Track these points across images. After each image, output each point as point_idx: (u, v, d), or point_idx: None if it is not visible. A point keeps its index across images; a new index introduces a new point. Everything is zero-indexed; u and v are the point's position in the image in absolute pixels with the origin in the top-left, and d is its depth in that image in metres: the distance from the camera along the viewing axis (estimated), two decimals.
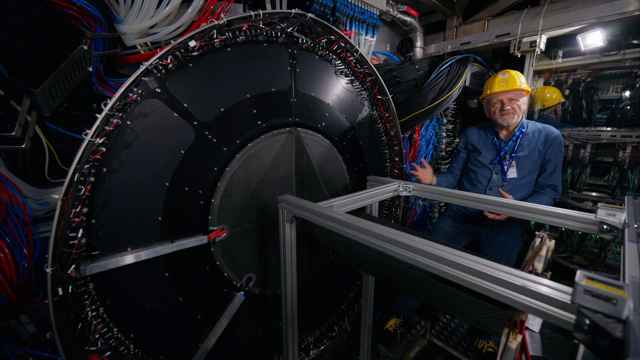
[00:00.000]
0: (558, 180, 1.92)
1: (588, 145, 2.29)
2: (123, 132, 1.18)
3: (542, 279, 0.59)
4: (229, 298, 1.61)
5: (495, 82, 1.93)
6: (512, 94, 1.87)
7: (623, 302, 0.48)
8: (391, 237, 0.81)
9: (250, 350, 1.78)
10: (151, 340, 1.35)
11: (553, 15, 1.94)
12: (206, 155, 1.42)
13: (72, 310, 1.10)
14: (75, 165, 1.03)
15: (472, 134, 2.20)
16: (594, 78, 2.22)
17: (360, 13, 2.01)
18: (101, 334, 1.19)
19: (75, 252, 1.07)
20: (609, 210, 0.97)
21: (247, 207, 1.61)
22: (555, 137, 1.88)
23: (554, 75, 2.36)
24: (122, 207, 1.22)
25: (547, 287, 0.57)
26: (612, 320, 0.49)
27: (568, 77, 2.33)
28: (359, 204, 1.39)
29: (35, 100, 1.11)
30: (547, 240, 0.87)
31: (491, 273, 0.62)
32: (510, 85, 1.85)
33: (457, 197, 1.38)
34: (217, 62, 1.39)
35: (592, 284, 0.51)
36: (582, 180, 2.29)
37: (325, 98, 1.90)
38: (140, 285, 1.29)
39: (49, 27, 1.01)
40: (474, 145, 2.14)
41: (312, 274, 2.02)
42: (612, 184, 2.16)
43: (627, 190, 2.14)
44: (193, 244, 1.42)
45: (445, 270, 0.70)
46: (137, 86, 1.19)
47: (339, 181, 2.09)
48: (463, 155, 2.26)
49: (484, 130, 2.14)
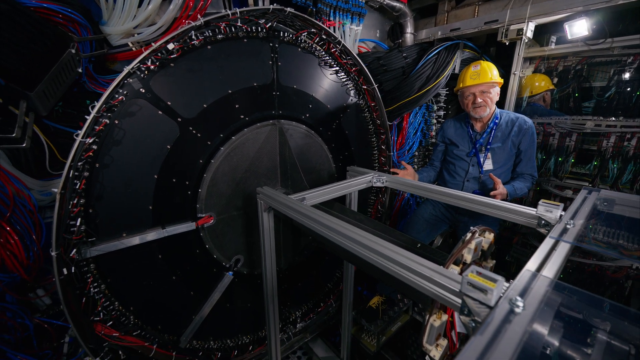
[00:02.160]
0: (533, 168, 2.00)
1: (573, 134, 2.31)
2: (112, 131, 1.29)
3: (446, 270, 0.71)
4: (219, 277, 1.79)
5: (467, 75, 1.96)
6: (484, 87, 1.91)
7: (492, 292, 0.59)
8: (335, 229, 0.94)
9: (241, 323, 1.98)
10: (149, 312, 1.55)
11: (542, 2, 1.90)
12: (191, 149, 1.53)
13: (77, 287, 1.28)
14: (70, 163, 1.16)
15: (448, 127, 2.25)
16: (582, 66, 2.19)
17: (344, 2, 2.01)
18: (104, 307, 1.38)
19: (76, 238, 1.23)
20: (548, 206, 1.06)
21: (233, 196, 1.74)
22: (528, 127, 1.94)
23: (544, 62, 2.33)
24: (116, 198, 1.36)
25: (446, 277, 0.68)
26: (483, 306, 0.60)
27: (558, 64, 2.30)
28: (331, 195, 1.50)
29: (32, 102, 1.23)
30: (478, 235, 0.97)
31: (405, 262, 0.73)
32: (482, 79, 1.89)
33: (426, 190, 1.47)
34: (197, 61, 1.46)
35: (474, 277, 0.62)
36: (565, 168, 2.33)
37: (309, 90, 1.95)
38: (136, 266, 1.46)
39: (36, 36, 1.10)
40: (450, 139, 2.20)
41: (299, 255, 2.18)
42: (593, 173, 2.20)
43: (607, 179, 2.18)
44: (183, 229, 1.57)
45: (369, 256, 0.83)
46: (122, 87, 1.28)
47: (325, 170, 2.19)
48: (441, 148, 2.32)
49: (460, 123, 2.19)
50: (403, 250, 0.80)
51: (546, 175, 2.44)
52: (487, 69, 1.89)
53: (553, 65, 2.32)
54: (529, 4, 1.93)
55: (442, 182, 2.43)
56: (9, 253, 1.15)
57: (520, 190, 1.95)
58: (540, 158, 2.47)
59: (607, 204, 1.24)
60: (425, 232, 2.39)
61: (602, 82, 2.13)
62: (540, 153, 2.47)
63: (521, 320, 0.55)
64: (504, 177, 2.02)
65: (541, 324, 0.65)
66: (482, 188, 2.19)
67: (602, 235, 1.11)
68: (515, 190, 1.93)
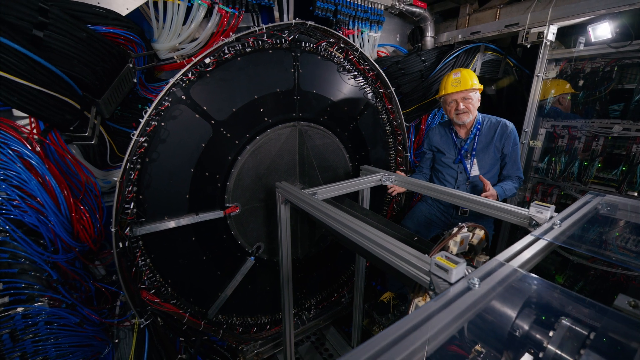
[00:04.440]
0: (519, 170, 2.05)
1: (600, 137, 2.24)
2: (159, 131, 1.56)
3: (422, 255, 0.84)
4: (242, 261, 2.02)
5: (448, 82, 2.00)
6: (465, 94, 1.95)
7: (452, 271, 0.72)
8: (336, 218, 1.10)
9: (260, 304, 2.21)
10: (183, 286, 1.81)
11: (564, 5, 1.89)
12: (222, 147, 1.77)
13: (128, 259, 1.57)
14: (127, 157, 1.43)
15: (434, 135, 2.26)
16: (612, 68, 2.11)
17: (363, 12, 2.13)
18: (148, 277, 1.66)
19: (130, 219, 1.51)
20: (539, 207, 1.13)
21: (256, 189, 1.96)
22: (510, 131, 1.97)
23: (571, 64, 2.27)
24: (160, 187, 1.62)
25: (421, 260, 0.81)
26: (445, 283, 0.73)
27: (585, 66, 2.22)
28: (341, 191, 1.65)
29: (99, 107, 1.52)
30: (468, 231, 1.08)
31: (389, 247, 0.87)
32: (463, 86, 1.93)
33: (431, 190, 1.58)
34: (229, 71, 1.69)
35: (440, 260, 0.75)
36: (589, 172, 2.27)
37: (327, 94, 2.12)
38: (174, 245, 1.73)
39: (106, 56, 1.38)
40: (437, 147, 2.23)
41: (314, 247, 2.36)
42: (620, 179, 2.13)
43: (636, 185, 2.09)
44: (213, 216, 1.81)
45: (362, 242, 0.98)
46: (167, 95, 1.54)
47: (341, 168, 2.34)
48: (429, 156, 2.34)
49: (444, 130, 2.22)
50: (390, 237, 0.94)
51: (569, 179, 2.38)
52: (468, 76, 1.94)
53: (580, 67, 2.26)
54: (550, 7, 1.93)
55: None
56: (82, 227, 1.45)
57: (509, 191, 1.98)
58: (563, 162, 2.42)
59: (609, 208, 1.27)
60: (416, 230, 2.42)
61: (632, 85, 2.05)
62: (564, 157, 2.42)
63: (473, 294, 0.68)
64: (491, 181, 2.05)
65: (499, 303, 0.76)
66: (472, 192, 2.20)
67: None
68: (505, 191, 1.96)
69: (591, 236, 1.13)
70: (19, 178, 1.24)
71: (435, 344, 0.58)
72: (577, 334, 0.77)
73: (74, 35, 1.24)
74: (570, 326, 0.79)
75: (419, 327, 0.57)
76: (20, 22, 1.12)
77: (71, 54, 1.25)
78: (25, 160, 1.26)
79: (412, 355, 0.53)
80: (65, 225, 1.39)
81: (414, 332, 0.56)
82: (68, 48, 1.23)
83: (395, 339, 0.54)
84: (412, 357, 0.53)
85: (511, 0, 2.23)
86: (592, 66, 2.21)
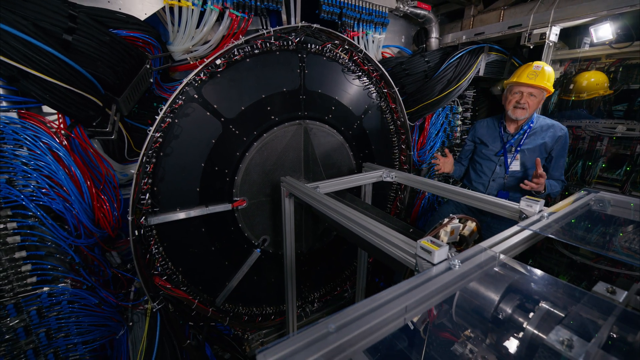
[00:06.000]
0: (562, 174, 2.05)
1: (605, 138, 2.24)
2: (173, 128, 1.67)
3: (409, 240, 0.91)
4: (248, 253, 2.12)
5: (525, 72, 1.93)
6: (534, 89, 1.91)
7: (435, 253, 0.79)
8: (334, 208, 1.17)
9: (265, 295, 2.30)
10: (193, 273, 1.92)
11: (566, 7, 1.91)
12: (231, 143, 1.87)
13: (143, 246, 1.68)
14: (144, 151, 1.55)
15: (481, 127, 2.30)
16: (616, 68, 2.11)
17: (368, 14, 2.21)
18: (161, 264, 1.78)
19: (145, 208, 1.62)
20: (529, 202, 1.18)
21: (263, 184, 2.06)
22: (564, 134, 1.96)
23: (575, 64, 2.28)
24: (173, 180, 1.74)
25: (407, 244, 0.88)
26: (428, 264, 0.80)
27: (589, 66, 2.23)
28: (342, 185, 1.73)
29: (118, 105, 1.65)
30: (459, 222, 1.14)
31: (380, 233, 0.95)
32: (538, 81, 1.87)
33: (428, 186, 1.63)
34: (238, 71, 1.79)
35: (425, 243, 0.82)
36: (593, 172, 2.28)
37: (332, 93, 2.20)
38: (185, 234, 1.84)
39: (126, 58, 1.50)
40: (481, 139, 2.26)
41: (318, 242, 2.44)
42: (622, 179, 2.13)
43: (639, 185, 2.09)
44: (221, 209, 1.92)
45: (357, 229, 1.06)
46: (181, 94, 1.65)
47: (345, 166, 2.41)
48: (469, 147, 2.38)
49: (493, 122, 2.23)
50: (381, 225, 1.01)
51: (573, 179, 2.39)
52: (547, 74, 1.87)
53: (584, 67, 2.27)
54: (552, 9, 1.96)
55: (468, 180, 2.50)
56: (102, 215, 1.57)
57: (554, 188, 1.98)
58: (567, 161, 2.43)
59: (601, 204, 1.30)
60: None
61: (637, 85, 2.05)
62: (568, 156, 2.43)
63: (452, 274, 0.75)
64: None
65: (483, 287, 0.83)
66: (506, 188, 2.23)
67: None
68: (551, 186, 1.96)
69: (581, 231, 1.18)
70: (49, 168, 1.37)
71: (414, 312, 0.66)
72: (553, 315, 0.83)
73: (98, 39, 1.37)
74: (549, 309, 0.85)
75: (399, 297, 0.65)
76: (52, 28, 1.24)
77: (96, 55, 1.37)
78: (54, 152, 1.39)
79: (391, 318, 0.60)
80: (87, 213, 1.51)
81: (395, 300, 0.63)
82: (93, 50, 1.36)
83: (378, 305, 0.62)
84: (392, 320, 0.61)
85: (515, 2, 2.27)
86: (597, 67, 2.22)
